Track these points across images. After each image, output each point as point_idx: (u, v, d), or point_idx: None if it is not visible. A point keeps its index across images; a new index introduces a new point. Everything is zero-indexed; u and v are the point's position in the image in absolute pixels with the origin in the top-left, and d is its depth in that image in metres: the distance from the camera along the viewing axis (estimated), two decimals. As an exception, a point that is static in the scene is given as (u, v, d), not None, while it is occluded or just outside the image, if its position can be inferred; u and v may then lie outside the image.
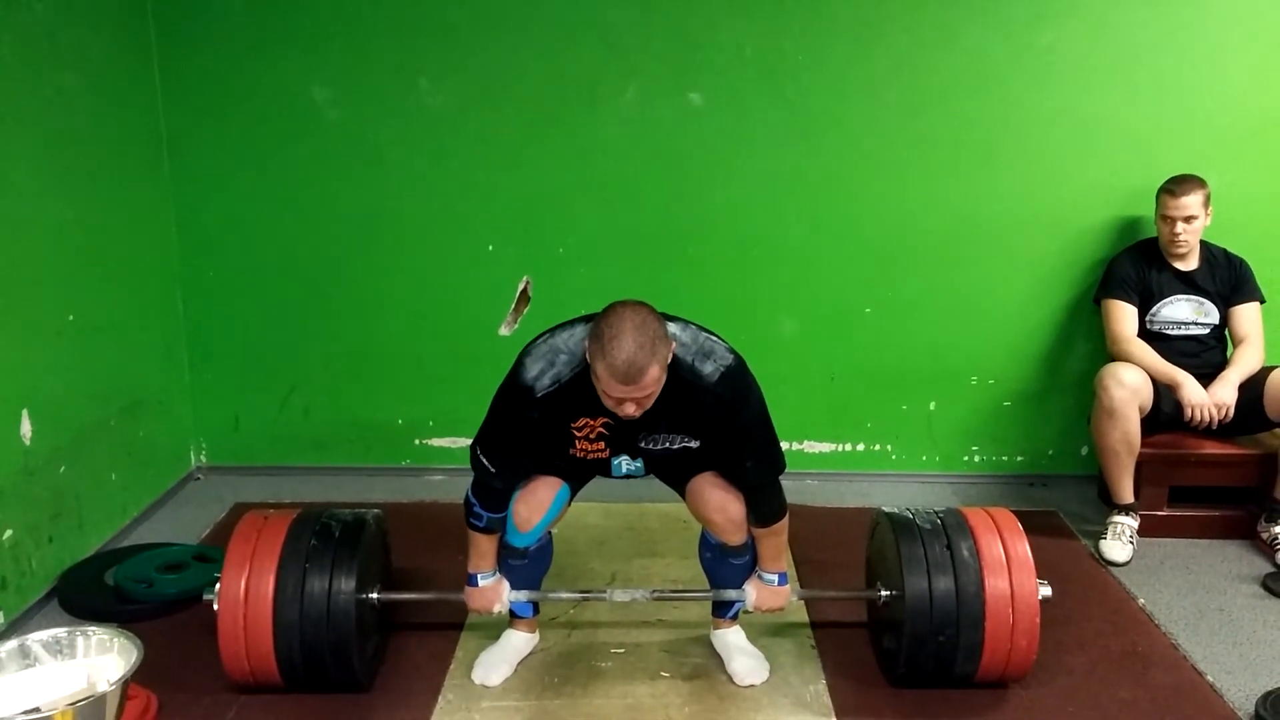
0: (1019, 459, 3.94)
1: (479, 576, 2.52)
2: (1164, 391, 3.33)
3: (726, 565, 2.57)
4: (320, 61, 3.62)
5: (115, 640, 2.27)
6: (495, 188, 3.70)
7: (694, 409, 2.26)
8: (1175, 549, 3.35)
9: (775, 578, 2.51)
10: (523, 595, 2.57)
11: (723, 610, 2.67)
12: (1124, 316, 3.46)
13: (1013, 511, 2.61)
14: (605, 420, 2.28)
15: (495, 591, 2.53)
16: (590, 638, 2.77)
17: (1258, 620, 2.92)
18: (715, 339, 2.29)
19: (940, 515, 2.57)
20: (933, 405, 3.88)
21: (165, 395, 3.71)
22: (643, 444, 2.35)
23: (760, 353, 2.41)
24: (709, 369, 2.23)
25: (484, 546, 2.50)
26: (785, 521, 2.46)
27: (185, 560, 3.03)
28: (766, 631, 2.77)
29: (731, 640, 2.64)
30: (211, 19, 3.59)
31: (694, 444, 2.35)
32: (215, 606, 2.37)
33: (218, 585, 2.39)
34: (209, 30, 3.60)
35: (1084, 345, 3.79)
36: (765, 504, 2.42)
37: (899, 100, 3.63)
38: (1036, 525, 3.43)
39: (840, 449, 3.94)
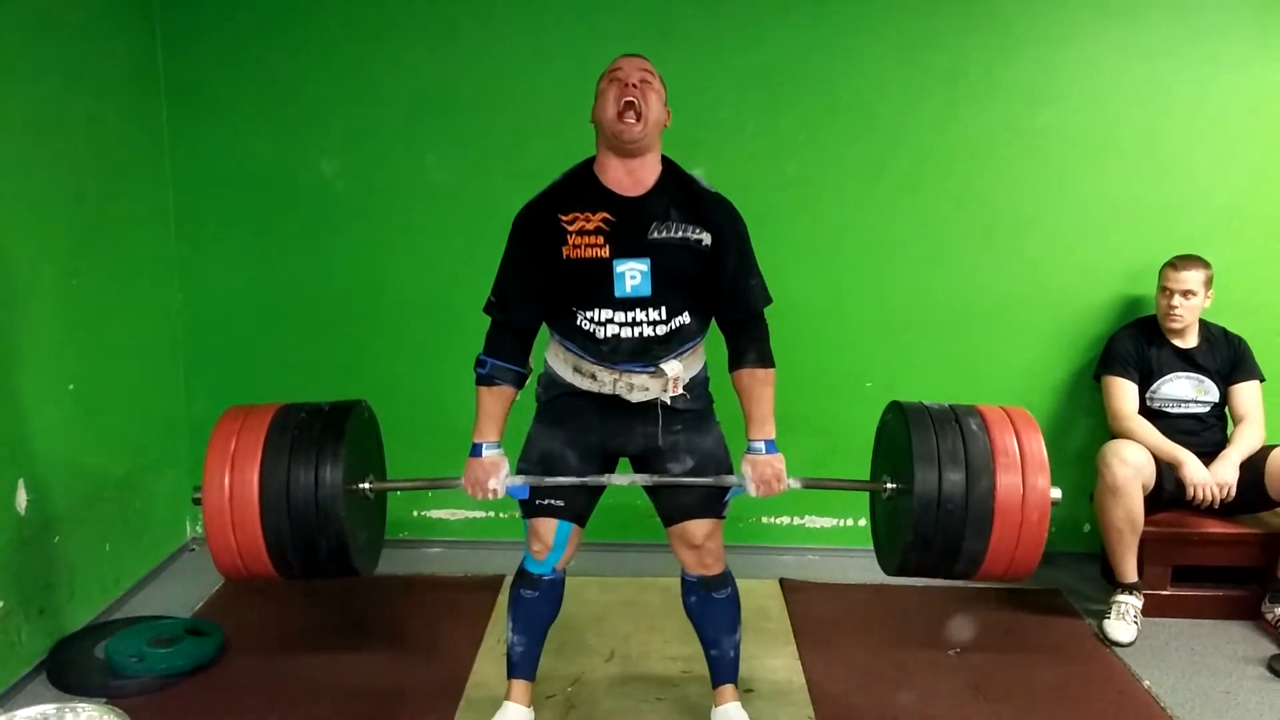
0: (1020, 535, 3.90)
1: (483, 446, 2.42)
2: (1166, 470, 3.32)
3: (712, 603, 2.56)
4: (329, 135, 3.68)
5: (104, 717, 2.22)
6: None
7: (700, 203, 2.36)
8: (1180, 629, 3.31)
9: (763, 444, 2.42)
10: (519, 479, 2.45)
11: (723, 676, 2.61)
12: (1124, 393, 3.47)
13: (1015, 589, 2.58)
14: (605, 216, 2.31)
15: (496, 466, 2.42)
16: (588, 716, 2.72)
17: (1264, 704, 2.88)
18: None
19: (953, 407, 2.50)
20: (933, 480, 3.86)
21: (163, 465, 3.69)
22: (654, 234, 2.31)
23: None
24: (703, 182, 2.41)
25: (488, 406, 2.43)
26: (774, 374, 2.44)
27: (178, 634, 2.98)
28: (767, 711, 2.72)
29: (733, 718, 2.59)
30: (222, 91, 3.66)
31: (705, 239, 2.34)
32: (199, 504, 2.35)
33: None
34: (219, 102, 3.67)
35: (1084, 422, 3.79)
36: (763, 339, 2.43)
37: (898, 177, 3.68)
38: (1039, 604, 3.43)
39: (842, 524, 3.92)
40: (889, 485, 2.53)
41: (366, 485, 2.55)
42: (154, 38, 3.61)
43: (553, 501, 2.47)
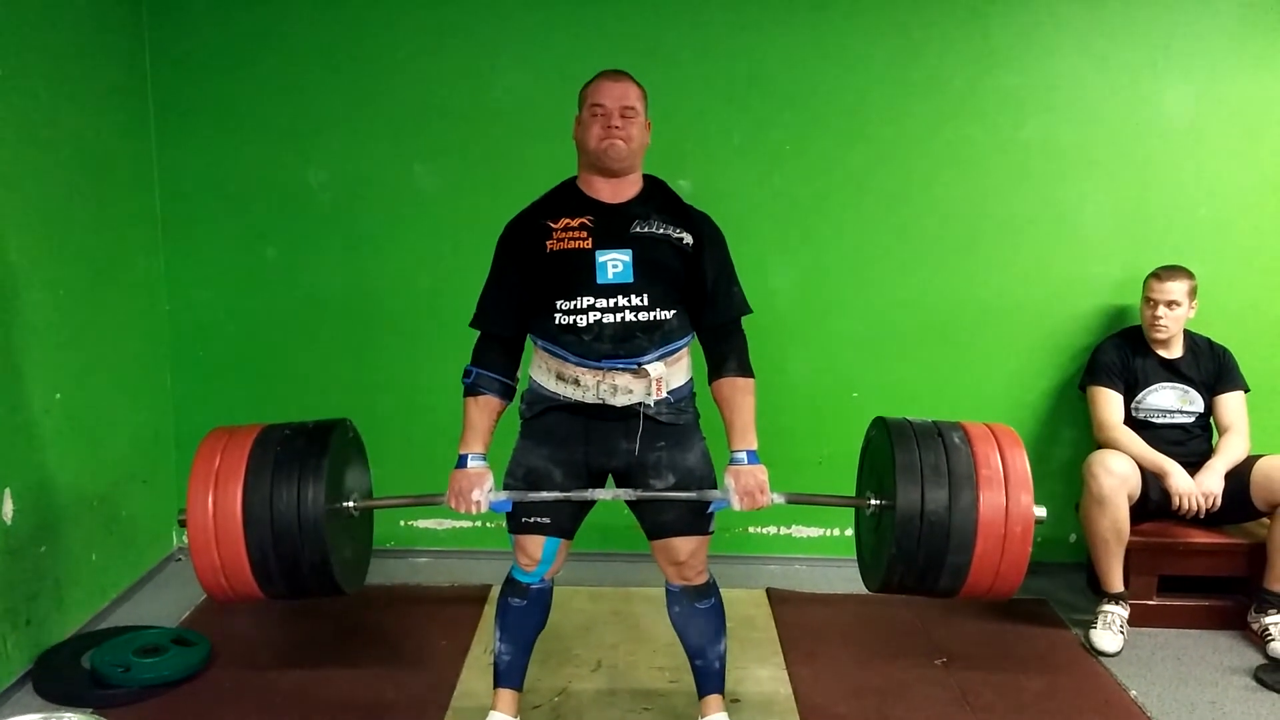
0: (1008, 546, 3.91)
1: (468, 457, 2.43)
2: (1152, 480, 3.34)
3: (695, 613, 2.56)
4: (316, 146, 3.69)
5: (89, 727, 2.23)
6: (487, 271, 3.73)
7: (682, 210, 2.46)
8: (1166, 639, 3.32)
9: (745, 455, 2.41)
10: (503, 494, 2.44)
11: (709, 686, 2.61)
12: (1110, 404, 3.48)
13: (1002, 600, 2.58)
14: (589, 217, 2.39)
15: (480, 478, 2.42)
16: (574, 727, 2.73)
17: (1250, 714, 2.89)
18: None
19: (937, 423, 2.49)
20: (921, 491, 3.87)
21: (150, 475, 3.68)
22: (636, 229, 2.38)
23: (747, 437, 2.42)
24: (686, 201, 2.49)
25: (473, 417, 2.45)
26: (754, 384, 2.47)
27: (164, 644, 2.97)
28: (754, 722, 2.73)
29: (719, 729, 2.59)
30: (210, 103, 3.67)
31: (687, 238, 2.41)
32: (184, 526, 2.35)
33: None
34: (207, 113, 3.67)
35: (1070, 432, 3.81)
36: (743, 348, 2.48)
37: (883, 190, 3.70)
38: (1026, 614, 3.44)
39: (828, 534, 3.92)
40: (873, 501, 2.53)
41: (350, 503, 2.55)
42: (143, 50, 3.62)
43: (539, 519, 2.47)
